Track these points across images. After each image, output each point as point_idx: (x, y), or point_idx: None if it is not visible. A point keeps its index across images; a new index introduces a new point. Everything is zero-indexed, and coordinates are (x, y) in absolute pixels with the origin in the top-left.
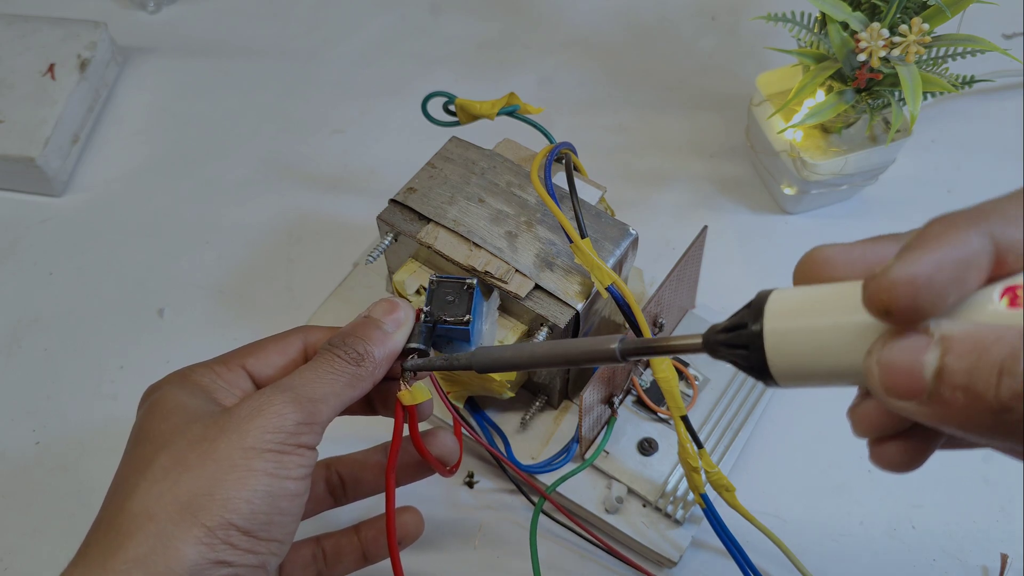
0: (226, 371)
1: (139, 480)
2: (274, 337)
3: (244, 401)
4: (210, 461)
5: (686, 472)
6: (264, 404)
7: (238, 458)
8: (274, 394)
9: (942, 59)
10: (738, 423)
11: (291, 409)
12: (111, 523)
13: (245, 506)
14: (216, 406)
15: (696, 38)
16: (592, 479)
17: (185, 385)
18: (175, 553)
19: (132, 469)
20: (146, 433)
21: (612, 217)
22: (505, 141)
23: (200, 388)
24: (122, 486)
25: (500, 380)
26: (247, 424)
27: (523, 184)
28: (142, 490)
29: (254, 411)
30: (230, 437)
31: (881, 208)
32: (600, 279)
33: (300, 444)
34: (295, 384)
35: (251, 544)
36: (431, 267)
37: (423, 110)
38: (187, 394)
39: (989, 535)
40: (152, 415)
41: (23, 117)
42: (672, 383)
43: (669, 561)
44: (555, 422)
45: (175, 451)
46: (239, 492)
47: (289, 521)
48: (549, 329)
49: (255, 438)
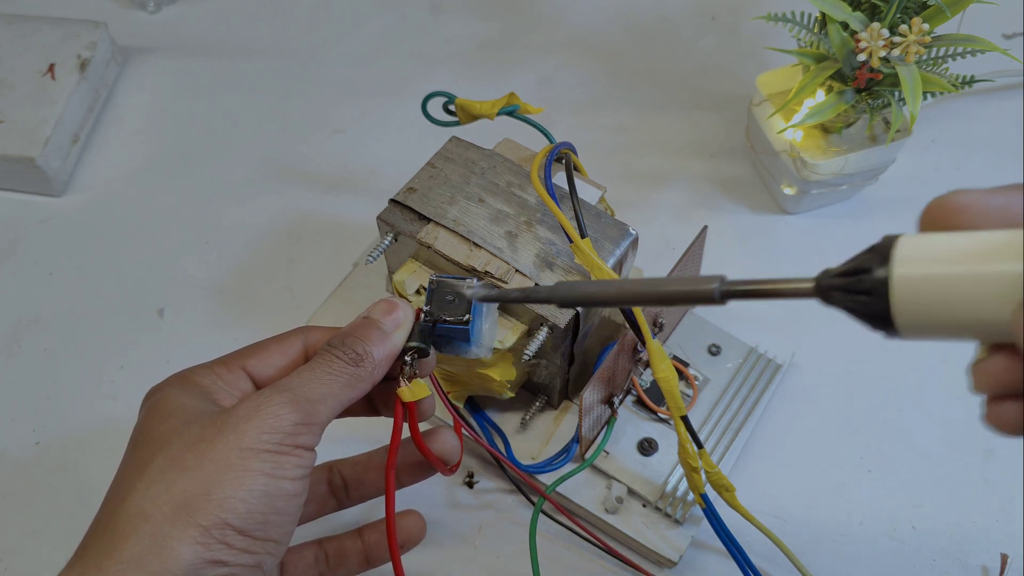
0: (226, 372)
1: (136, 481)
2: (275, 338)
3: (242, 402)
4: (207, 461)
5: (686, 472)
6: (262, 404)
7: (235, 458)
8: (272, 395)
9: (942, 59)
10: (738, 423)
11: (288, 410)
12: (108, 524)
13: (241, 506)
14: (215, 407)
15: (696, 38)
16: (592, 479)
17: (185, 387)
18: (170, 553)
19: (130, 470)
20: (145, 435)
21: (612, 217)
22: (505, 141)
23: (200, 389)
24: (120, 487)
25: (500, 380)
26: (244, 424)
27: (523, 184)
28: (139, 491)
29: (251, 411)
30: (227, 437)
31: (881, 208)
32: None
33: (298, 445)
34: (293, 385)
35: (247, 544)
36: (431, 267)
37: (423, 110)
38: (187, 395)
39: (989, 535)
40: (152, 417)
41: (23, 117)
42: (672, 383)
43: (669, 561)
44: (555, 422)
45: (172, 452)
46: (235, 492)
47: (286, 521)
48: (549, 329)
49: (252, 438)
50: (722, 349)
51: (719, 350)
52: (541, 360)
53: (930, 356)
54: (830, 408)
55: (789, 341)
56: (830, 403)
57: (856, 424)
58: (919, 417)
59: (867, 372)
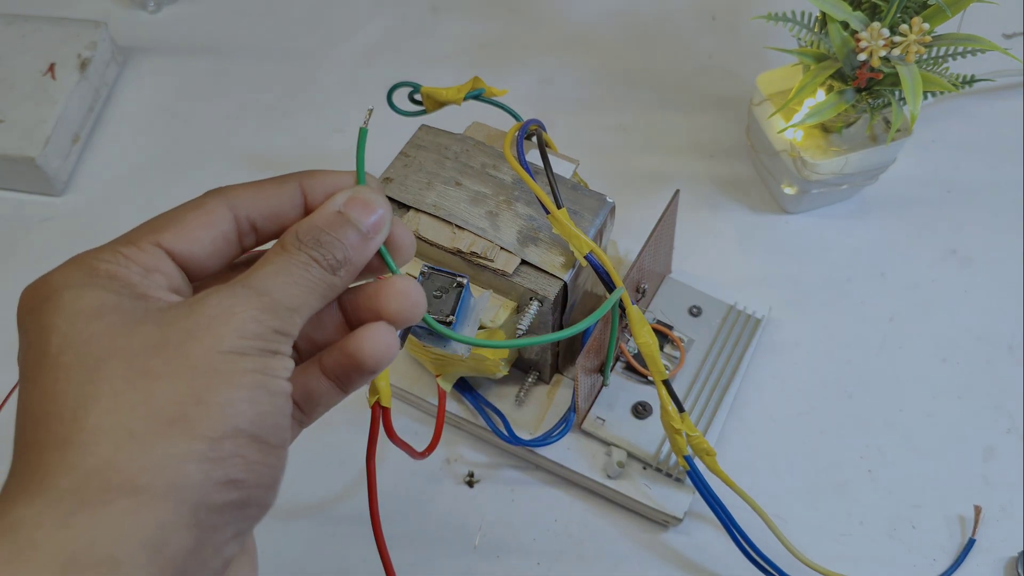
0: (138, 252)
1: (91, 392)
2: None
3: (207, 298)
4: (184, 368)
5: (669, 436)
6: (235, 306)
7: (219, 363)
8: (247, 296)
9: (942, 59)
10: (726, 379)
11: (269, 316)
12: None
13: (249, 407)
14: (148, 301)
15: (696, 38)
16: (591, 447)
17: (95, 277)
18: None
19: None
20: (67, 340)
21: (588, 189)
22: (475, 124)
23: (113, 279)
24: (60, 404)
25: (494, 359)
26: (220, 327)
27: (497, 164)
28: (104, 404)
29: (226, 312)
30: (202, 341)
31: (881, 208)
32: (578, 248)
33: (279, 352)
34: (268, 287)
35: (263, 454)
36: (416, 256)
37: (388, 102)
38: (104, 290)
39: (989, 535)
40: (63, 318)
41: (23, 117)
42: (653, 348)
43: (674, 519)
44: (548, 396)
45: (129, 358)
46: (236, 393)
47: (293, 425)
48: (539, 302)
49: (232, 343)
50: (703, 310)
51: (700, 311)
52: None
53: (930, 355)
54: (831, 407)
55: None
56: (830, 402)
57: (856, 423)
58: (919, 417)
59: (867, 372)
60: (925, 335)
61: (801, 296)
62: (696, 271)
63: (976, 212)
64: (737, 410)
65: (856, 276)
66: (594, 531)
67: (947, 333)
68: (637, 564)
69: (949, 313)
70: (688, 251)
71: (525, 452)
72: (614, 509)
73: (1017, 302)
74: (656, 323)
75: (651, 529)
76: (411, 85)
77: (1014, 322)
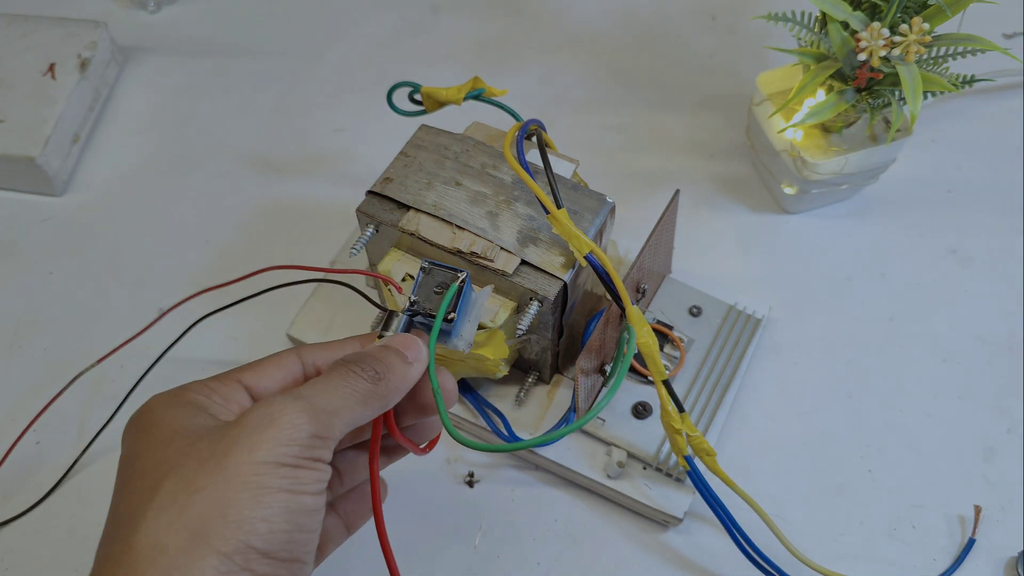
0: (222, 387)
1: (144, 510)
2: (269, 357)
3: (253, 409)
4: (220, 480)
5: (669, 436)
6: (276, 413)
7: (250, 474)
8: (286, 402)
9: (942, 58)
10: (726, 378)
11: (305, 420)
12: (118, 562)
13: (263, 526)
14: (218, 421)
15: (696, 38)
16: (591, 447)
17: (180, 405)
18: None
19: (134, 501)
20: (144, 462)
21: (588, 188)
22: (474, 124)
23: (196, 407)
24: (125, 520)
25: (494, 359)
26: (258, 436)
27: (497, 164)
28: (149, 520)
29: (265, 420)
30: (240, 451)
31: (881, 208)
32: (578, 248)
33: (315, 458)
34: (307, 394)
35: (272, 568)
36: (414, 255)
37: (388, 102)
38: (185, 414)
39: (989, 535)
40: (148, 441)
41: (23, 117)
42: (652, 348)
43: (674, 519)
44: (548, 396)
45: (182, 474)
46: (255, 511)
47: (309, 539)
48: (539, 302)
49: (267, 451)
50: (703, 310)
51: (700, 311)
52: (532, 335)
53: (930, 355)
54: (831, 407)
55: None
56: (831, 402)
57: (856, 424)
58: (919, 417)
59: (867, 372)
60: (925, 335)
61: (801, 296)
62: (696, 271)
63: (976, 212)
64: (737, 410)
65: (856, 276)
66: (594, 531)
67: (947, 333)
68: (637, 564)
69: (949, 313)
70: (688, 251)
71: (525, 452)
72: (614, 509)
73: (1017, 302)
74: (656, 323)
75: (651, 529)
76: (411, 85)
77: (1014, 322)
